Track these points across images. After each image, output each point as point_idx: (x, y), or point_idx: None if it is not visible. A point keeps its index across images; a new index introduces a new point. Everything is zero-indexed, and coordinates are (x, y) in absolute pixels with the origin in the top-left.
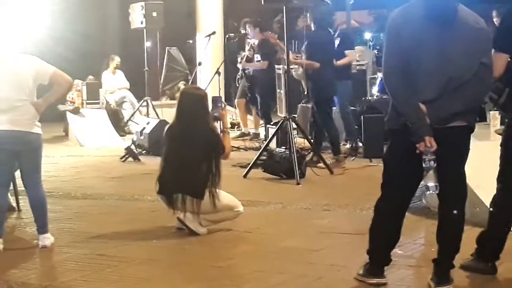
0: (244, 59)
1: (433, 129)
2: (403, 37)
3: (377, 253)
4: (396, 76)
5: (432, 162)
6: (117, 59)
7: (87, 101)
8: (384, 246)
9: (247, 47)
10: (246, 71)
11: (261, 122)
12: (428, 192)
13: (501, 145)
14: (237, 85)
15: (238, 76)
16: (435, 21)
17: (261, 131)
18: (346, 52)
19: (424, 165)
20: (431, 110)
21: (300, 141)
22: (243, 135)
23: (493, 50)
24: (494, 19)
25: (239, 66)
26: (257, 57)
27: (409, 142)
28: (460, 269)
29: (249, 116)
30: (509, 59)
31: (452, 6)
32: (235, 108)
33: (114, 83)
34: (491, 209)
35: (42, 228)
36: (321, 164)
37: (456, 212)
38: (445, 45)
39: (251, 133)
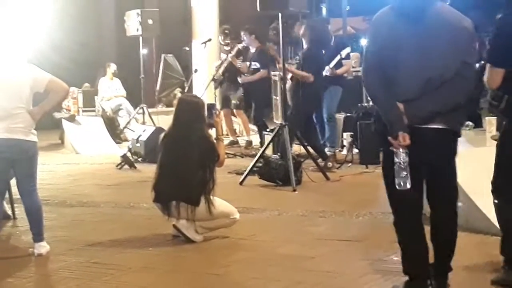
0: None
1: (412, 129)
2: (381, 37)
3: (416, 269)
4: (374, 75)
5: (404, 155)
6: (113, 66)
7: (83, 109)
8: (417, 260)
9: (223, 55)
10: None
11: (255, 128)
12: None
13: (497, 146)
14: (214, 92)
15: (215, 85)
16: (406, 18)
17: (254, 139)
18: (343, 61)
19: (396, 159)
20: (409, 109)
21: (296, 148)
22: (231, 143)
23: (488, 65)
24: None
25: (239, 80)
26: (255, 64)
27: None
28: (492, 285)
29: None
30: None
31: (418, 4)
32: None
33: (111, 91)
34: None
35: (37, 236)
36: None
37: (445, 212)
38: (423, 45)
39: (245, 141)
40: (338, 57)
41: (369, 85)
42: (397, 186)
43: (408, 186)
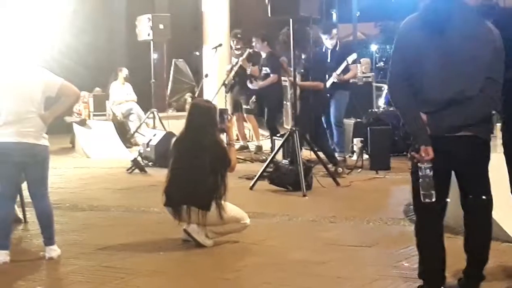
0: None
1: (438, 138)
2: (405, 46)
3: (431, 275)
4: (400, 84)
5: (428, 171)
6: (125, 71)
7: (94, 113)
8: (434, 266)
9: (234, 60)
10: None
11: (266, 134)
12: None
13: (504, 153)
14: (225, 97)
15: (226, 89)
16: (430, 28)
17: (264, 143)
18: (350, 66)
19: (420, 173)
20: (432, 121)
21: (306, 153)
22: (242, 148)
23: None
24: None
25: (251, 86)
26: (266, 70)
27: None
28: None
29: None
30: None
31: (445, 11)
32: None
33: (122, 95)
34: None
35: (48, 240)
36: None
37: (478, 218)
38: (445, 58)
39: (255, 146)
40: (344, 64)
41: (393, 94)
42: (422, 199)
43: (433, 199)
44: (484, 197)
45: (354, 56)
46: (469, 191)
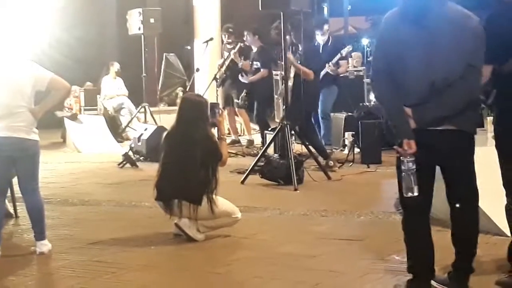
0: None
1: (420, 131)
2: (388, 41)
3: (420, 268)
4: (382, 79)
5: (410, 164)
6: (116, 65)
7: (85, 108)
8: (422, 260)
9: (226, 54)
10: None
11: (257, 128)
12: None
13: (496, 146)
14: (216, 91)
15: (217, 84)
16: (410, 21)
17: (255, 138)
18: (341, 62)
19: (402, 167)
20: (416, 114)
21: (297, 147)
22: (233, 142)
23: None
24: None
25: (242, 79)
26: (257, 64)
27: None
28: (496, 285)
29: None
30: (494, 67)
31: (421, 3)
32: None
33: (114, 89)
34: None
35: (39, 234)
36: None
37: (464, 211)
38: (427, 49)
39: (247, 140)
40: (338, 56)
41: (376, 89)
42: (404, 194)
43: (416, 193)
44: (468, 190)
45: (349, 48)
46: (454, 185)
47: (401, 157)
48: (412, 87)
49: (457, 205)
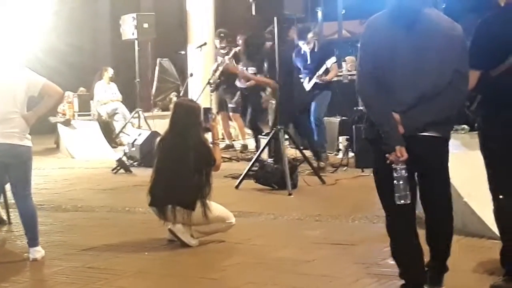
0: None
1: (407, 137)
2: (375, 46)
3: (411, 274)
4: (370, 85)
5: (403, 172)
6: (110, 71)
7: (79, 113)
8: (413, 264)
9: (219, 59)
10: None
11: (250, 133)
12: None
13: (481, 151)
14: (210, 96)
15: (211, 88)
16: (398, 24)
17: (249, 143)
18: (330, 66)
19: (395, 174)
20: (405, 120)
21: (291, 152)
22: (227, 147)
23: None
24: None
25: (238, 84)
26: (253, 69)
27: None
28: None
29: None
30: (480, 72)
31: (413, 7)
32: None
33: (107, 95)
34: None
35: (32, 241)
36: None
37: (440, 215)
38: (416, 54)
39: (241, 145)
40: (324, 67)
41: (363, 94)
42: (396, 202)
43: (408, 201)
44: (443, 195)
45: (333, 59)
46: (429, 189)
47: (392, 165)
48: (401, 93)
49: (432, 210)
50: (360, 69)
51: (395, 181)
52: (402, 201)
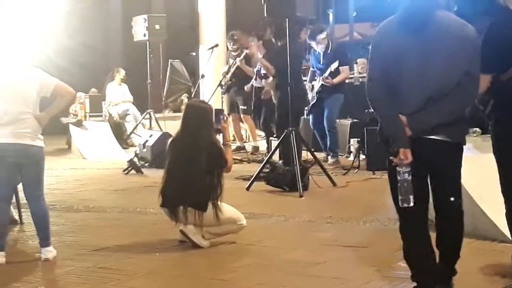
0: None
1: (415, 140)
2: (384, 49)
3: (423, 276)
4: (378, 88)
5: (406, 175)
6: (122, 72)
7: (90, 114)
8: (425, 267)
9: (231, 61)
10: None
11: (263, 135)
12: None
13: (494, 153)
14: (221, 97)
15: (222, 90)
16: (408, 29)
17: (261, 144)
18: (341, 68)
19: (398, 177)
20: (412, 122)
21: (303, 154)
22: (238, 149)
23: None
24: None
25: (255, 83)
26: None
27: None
28: None
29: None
30: (492, 76)
31: (425, 9)
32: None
33: (119, 96)
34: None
35: (44, 241)
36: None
37: (449, 221)
38: (424, 57)
39: (252, 147)
40: (329, 71)
41: (371, 97)
42: (400, 204)
43: (411, 204)
44: (453, 199)
45: (335, 65)
46: (439, 193)
47: (396, 167)
48: (409, 96)
49: (443, 213)
50: (370, 74)
51: (398, 184)
52: (405, 204)
